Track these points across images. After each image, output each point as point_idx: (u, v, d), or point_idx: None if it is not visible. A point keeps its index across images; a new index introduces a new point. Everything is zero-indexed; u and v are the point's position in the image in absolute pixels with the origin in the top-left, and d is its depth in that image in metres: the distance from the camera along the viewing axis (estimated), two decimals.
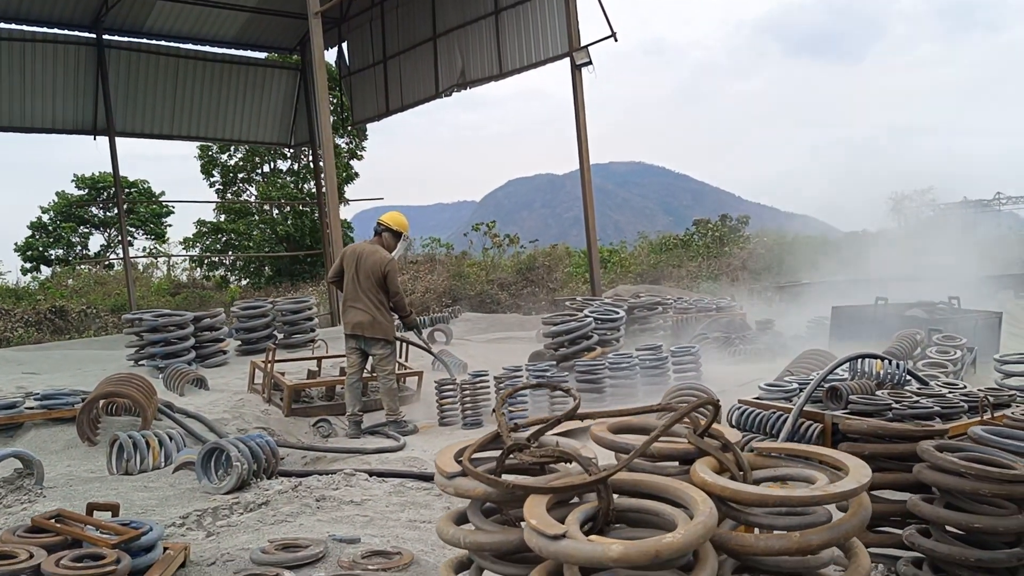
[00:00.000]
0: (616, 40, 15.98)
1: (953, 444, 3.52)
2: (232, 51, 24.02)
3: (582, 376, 8.14)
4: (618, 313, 9.69)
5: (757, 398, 6.18)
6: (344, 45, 24.01)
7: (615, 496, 2.28)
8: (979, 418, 5.19)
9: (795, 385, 6.17)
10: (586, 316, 9.17)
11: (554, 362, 8.86)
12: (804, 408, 5.59)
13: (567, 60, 16.74)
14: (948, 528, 3.31)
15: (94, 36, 21.15)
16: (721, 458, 2.40)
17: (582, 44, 16.54)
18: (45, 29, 20.40)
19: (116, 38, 21.71)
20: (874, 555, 3.74)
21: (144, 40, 22.23)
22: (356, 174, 34.47)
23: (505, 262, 29.58)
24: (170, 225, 34.47)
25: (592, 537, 2.03)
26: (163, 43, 22.64)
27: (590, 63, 16.19)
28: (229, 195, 34.82)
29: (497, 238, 30.83)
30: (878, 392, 5.68)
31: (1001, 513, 3.17)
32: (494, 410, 2.64)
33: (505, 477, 2.38)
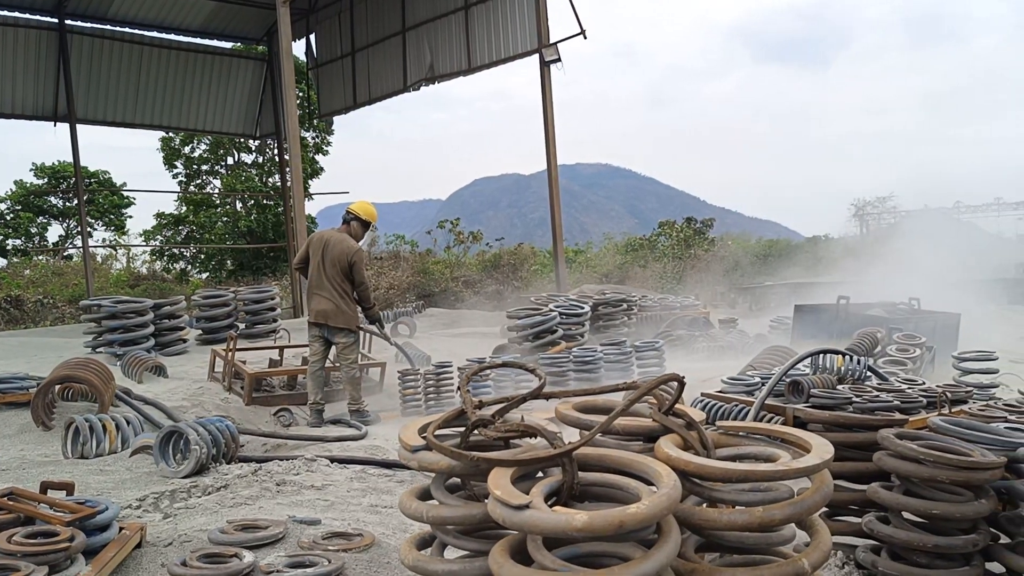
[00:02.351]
0: (585, 38, 16.02)
1: (913, 432, 3.56)
2: (197, 40, 23.69)
3: (547, 369, 8.13)
4: (583, 308, 9.71)
5: (720, 392, 6.22)
6: (312, 37, 23.79)
7: (580, 471, 2.27)
8: (937, 412, 5.27)
9: (757, 379, 6.23)
10: (551, 310, 9.17)
11: (518, 355, 8.85)
12: (766, 401, 5.64)
13: (536, 57, 16.75)
14: (906, 515, 3.35)
15: (56, 21, 20.72)
16: (685, 435, 2.40)
17: (551, 41, 16.56)
18: (6, 12, 19.95)
19: (79, 24, 21.29)
20: (834, 543, 3.77)
21: (108, 27, 21.81)
22: (321, 169, 34.20)
23: (470, 260, 29.54)
24: (130, 216, 33.97)
25: (555, 508, 2.01)
26: (127, 30, 22.24)
27: (559, 60, 16.20)
28: (192, 187, 34.36)
29: (461, 235, 30.78)
30: (839, 387, 5.75)
31: (958, 500, 3.21)
32: (459, 388, 2.61)
33: (471, 452, 2.35)
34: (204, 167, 34.64)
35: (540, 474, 2.39)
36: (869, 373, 6.27)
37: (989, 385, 6.47)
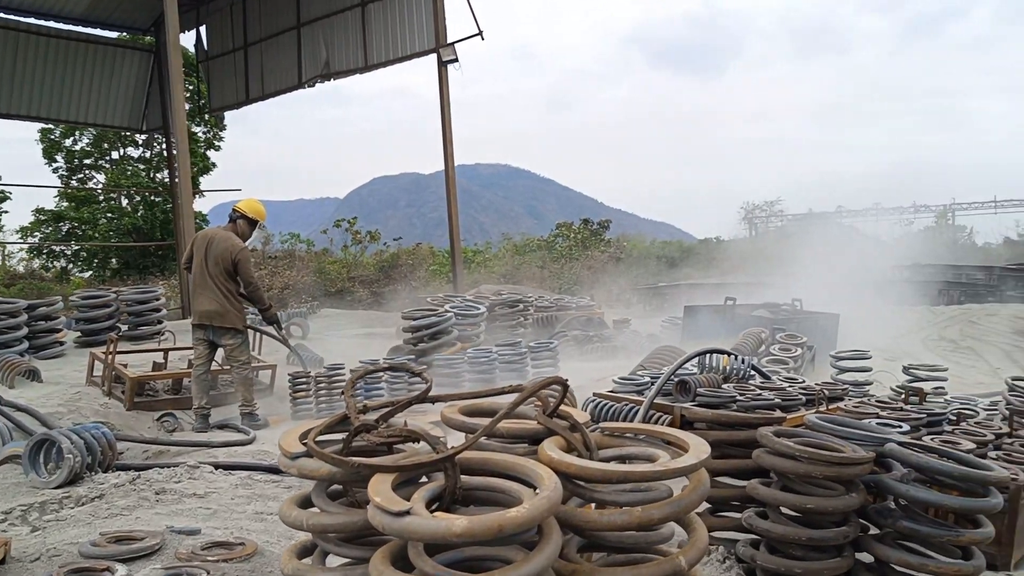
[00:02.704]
0: (483, 39, 16.07)
1: (790, 430, 3.69)
2: (80, 28, 22.62)
3: (441, 370, 8.10)
4: (479, 309, 9.71)
5: (611, 391, 6.32)
6: (202, 29, 23.07)
7: (464, 475, 2.25)
8: (815, 409, 5.48)
9: (647, 379, 6.35)
10: (446, 311, 9.14)
11: (413, 356, 8.78)
12: (655, 400, 5.75)
13: (434, 56, 16.70)
14: (784, 510, 3.47)
15: None
16: (569, 437, 2.41)
17: (449, 41, 16.54)
18: None
19: None
20: (716, 539, 3.88)
21: None
22: (213, 164, 33.17)
23: (367, 260, 29.22)
24: (6, 212, 32.18)
25: (437, 513, 1.99)
26: (2, 15, 21.07)
27: (456, 60, 16.20)
28: (74, 182, 32.82)
29: (359, 235, 30.40)
30: (724, 386, 5.92)
31: (831, 494, 3.34)
32: (343, 392, 2.55)
33: (352, 458, 2.31)
34: (87, 161, 33.13)
35: (425, 479, 2.36)
36: (753, 372, 6.48)
37: (864, 383, 6.78)
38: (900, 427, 4.71)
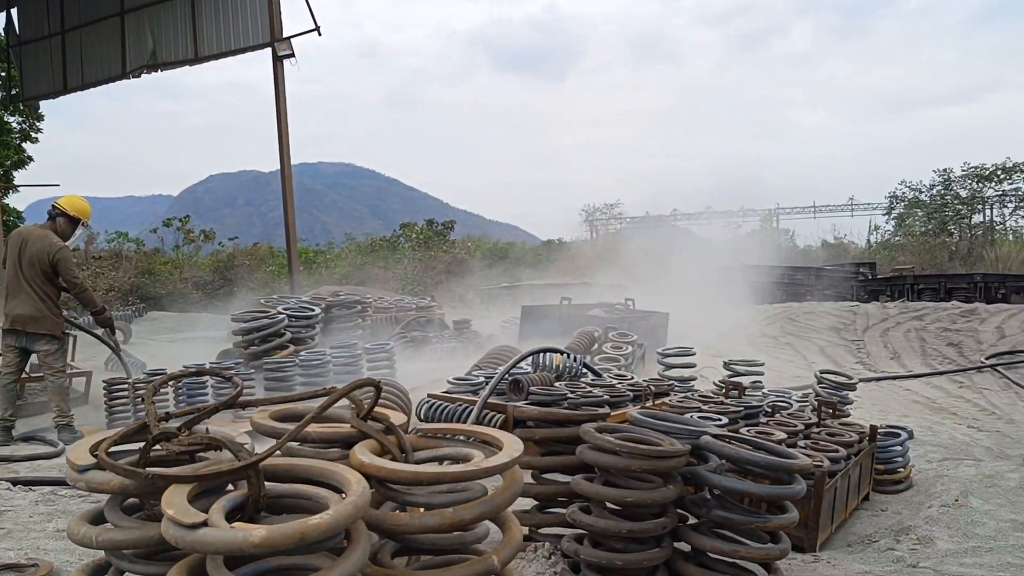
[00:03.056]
0: (320, 35, 15.71)
1: (613, 426, 3.77)
2: None
3: (271, 374, 7.82)
4: (313, 311, 9.45)
5: (446, 392, 6.31)
6: (14, 11, 21.39)
7: (270, 483, 2.15)
8: (641, 405, 5.66)
9: (482, 379, 6.38)
10: (278, 313, 8.84)
11: (242, 360, 8.44)
12: (489, 400, 5.78)
13: (268, 50, 16.17)
14: (609, 504, 3.54)
15: None
16: (382, 440, 2.35)
17: (284, 35, 16.06)
18: None
19: None
20: (543, 535, 3.92)
21: None
22: (30, 158, 30.84)
23: (202, 260, 28.01)
24: None
25: (235, 524, 1.88)
26: None
27: (293, 55, 15.76)
28: None
29: (192, 234, 29.09)
30: (557, 384, 6.02)
31: (650, 487, 3.43)
32: (142, 399, 2.39)
33: (144, 469, 2.16)
34: None
35: (233, 487, 2.24)
36: (585, 370, 6.63)
37: (689, 378, 7.06)
38: (719, 420, 4.93)
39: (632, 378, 6.57)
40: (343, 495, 2.05)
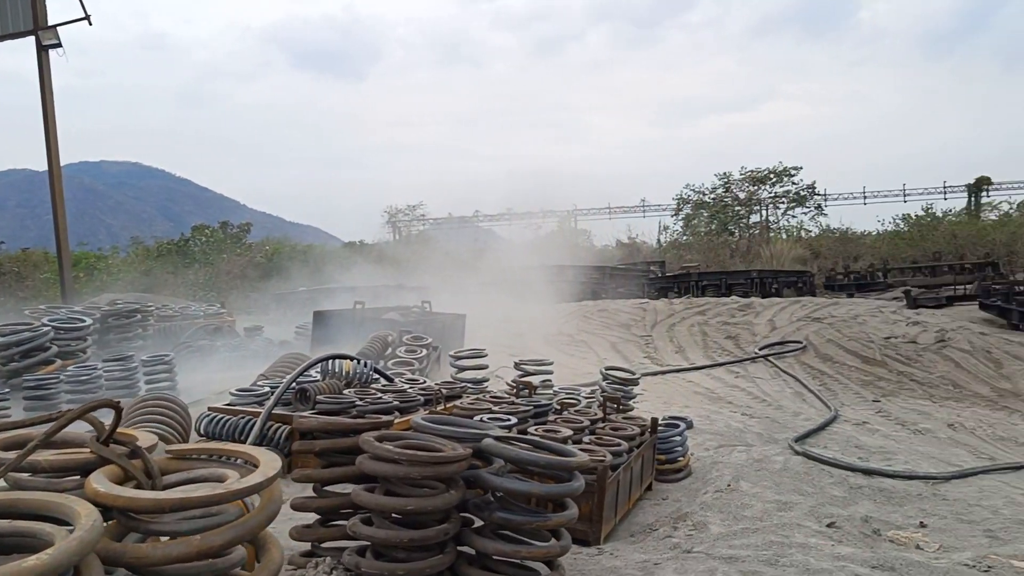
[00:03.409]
0: (91, 23, 14.56)
1: (394, 433, 3.69)
2: None
3: (32, 392, 7.11)
4: (84, 321, 8.72)
5: (228, 404, 5.99)
6: None
7: None
8: (431, 409, 5.62)
9: (267, 389, 6.11)
10: (43, 325, 8.09)
11: (2, 378, 7.66)
12: (274, 411, 5.54)
13: (32, 39, 14.80)
14: (394, 515, 3.45)
15: None
16: (125, 465, 2.15)
17: (50, 23, 14.76)
18: None
19: None
20: (325, 549, 3.77)
21: None
22: None
23: None
24: None
25: None
26: None
27: (59, 45, 14.51)
28: None
29: None
30: (346, 391, 5.86)
31: (432, 493, 3.38)
32: None
33: None
34: None
35: None
36: (377, 375, 6.51)
37: (482, 379, 7.09)
38: (508, 420, 4.97)
39: (424, 382, 6.52)
40: (72, 529, 1.84)
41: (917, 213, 38.97)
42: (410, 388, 6.03)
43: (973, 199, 41.88)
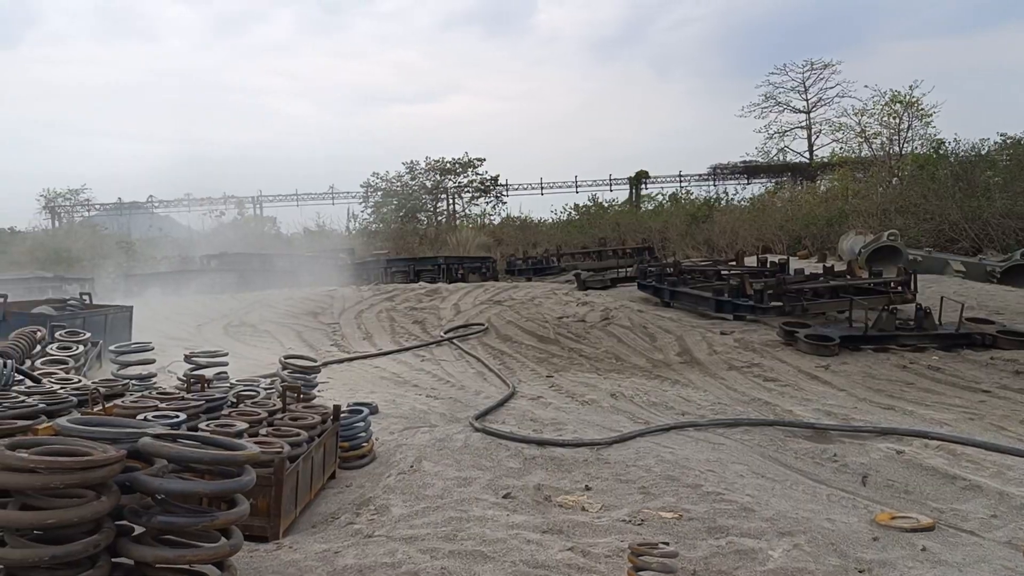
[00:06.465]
0: None
1: (31, 440, 3.27)
2: None
3: None
4: None
5: None
6: None
7: None
8: (86, 410, 5.07)
9: None
10: None
11: None
12: None
13: None
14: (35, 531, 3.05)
15: None
16: None
17: None
18: None
19: None
20: None
21: None
22: None
23: None
24: None
25: None
26: None
27: None
28: None
29: None
30: None
31: (79, 502, 3.03)
32: None
33: None
34: None
35: None
36: (19, 376, 5.78)
37: (149, 375, 6.56)
38: (176, 417, 4.62)
39: (80, 381, 5.89)
40: None
41: (587, 203, 42.21)
42: (61, 389, 5.41)
43: (634, 191, 46.19)
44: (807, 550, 3.99)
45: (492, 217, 44.17)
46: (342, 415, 5.86)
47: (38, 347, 7.30)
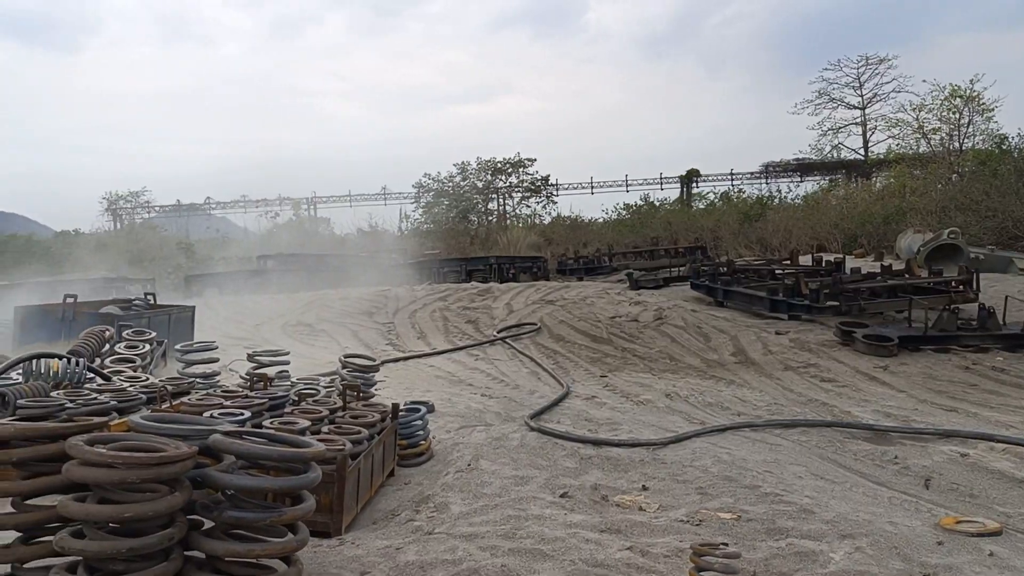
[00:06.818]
0: None
1: (108, 436, 3.37)
2: None
3: None
4: None
5: None
6: None
7: None
8: (155, 408, 5.23)
9: None
10: None
11: None
12: None
13: None
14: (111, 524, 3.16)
15: None
16: None
17: None
18: None
19: None
20: (29, 570, 3.38)
21: None
22: None
23: None
24: None
25: None
26: None
27: None
28: None
29: None
30: (54, 393, 5.32)
31: (153, 497, 3.13)
32: None
33: None
34: None
35: None
36: (91, 374, 5.96)
37: (213, 374, 6.72)
38: (241, 415, 4.73)
39: (147, 379, 6.06)
40: None
41: (638, 202, 41.99)
42: (130, 386, 5.58)
43: (685, 189, 45.85)
44: (869, 553, 3.94)
45: (542, 217, 44.20)
46: (400, 413, 5.94)
47: (107, 346, 7.53)
